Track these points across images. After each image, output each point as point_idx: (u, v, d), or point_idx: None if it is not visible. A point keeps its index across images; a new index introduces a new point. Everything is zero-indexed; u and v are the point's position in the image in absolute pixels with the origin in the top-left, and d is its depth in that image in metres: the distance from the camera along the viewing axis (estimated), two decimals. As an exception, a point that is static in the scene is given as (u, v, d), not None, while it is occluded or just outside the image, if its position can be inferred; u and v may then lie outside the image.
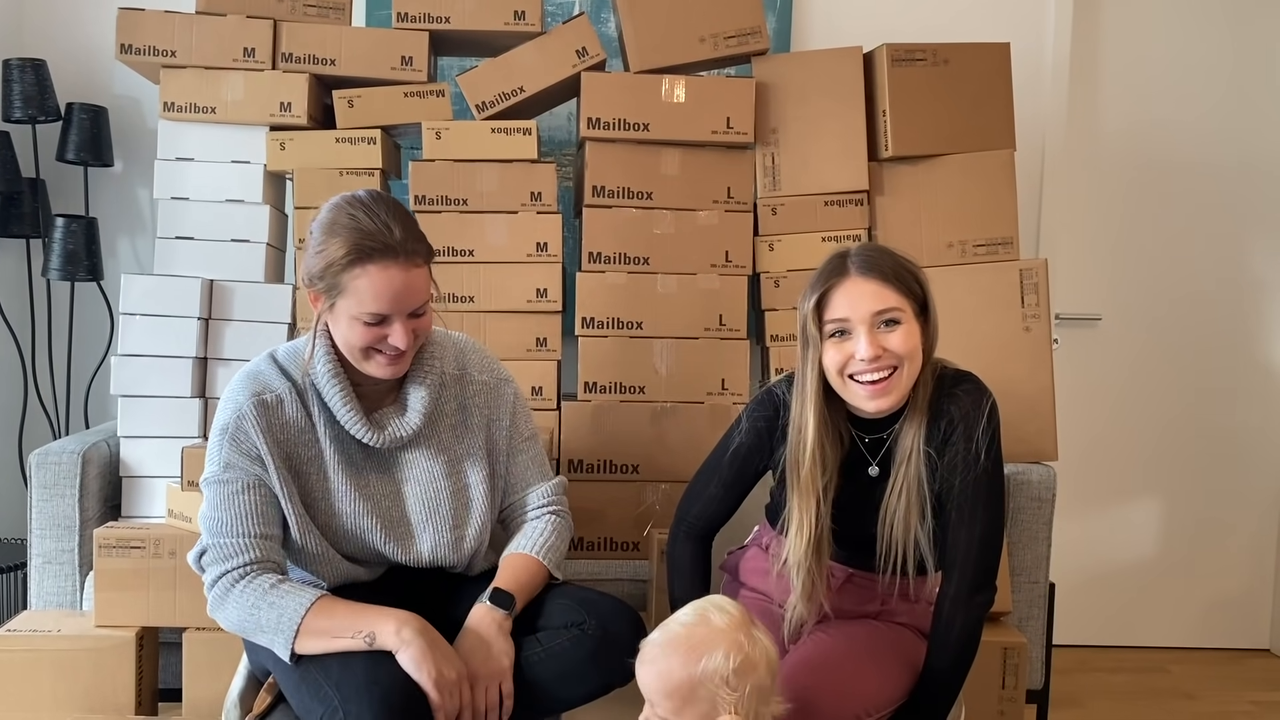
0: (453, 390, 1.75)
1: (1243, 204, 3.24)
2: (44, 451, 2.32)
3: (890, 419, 1.65)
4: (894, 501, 1.61)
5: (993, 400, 1.64)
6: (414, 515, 1.70)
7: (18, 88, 2.73)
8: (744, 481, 1.77)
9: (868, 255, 1.60)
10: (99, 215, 2.88)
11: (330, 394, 1.63)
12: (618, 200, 2.47)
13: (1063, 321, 3.17)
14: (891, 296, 1.57)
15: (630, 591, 2.36)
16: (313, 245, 1.59)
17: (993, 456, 1.61)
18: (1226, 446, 3.30)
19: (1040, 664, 2.44)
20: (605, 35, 2.77)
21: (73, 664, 2.17)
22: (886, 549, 1.63)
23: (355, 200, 1.59)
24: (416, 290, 1.59)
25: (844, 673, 1.57)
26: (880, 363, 1.56)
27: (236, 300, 2.42)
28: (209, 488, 1.62)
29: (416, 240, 1.59)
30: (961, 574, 1.61)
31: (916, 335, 1.59)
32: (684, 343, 2.47)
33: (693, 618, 1.38)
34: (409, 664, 1.49)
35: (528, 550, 1.72)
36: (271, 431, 1.61)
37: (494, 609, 1.60)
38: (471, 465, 1.74)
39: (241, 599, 1.55)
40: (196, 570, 1.63)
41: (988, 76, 2.49)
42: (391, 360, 1.62)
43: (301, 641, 1.52)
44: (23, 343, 2.89)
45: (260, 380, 1.65)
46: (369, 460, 1.69)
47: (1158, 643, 3.33)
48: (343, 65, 2.45)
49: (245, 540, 1.58)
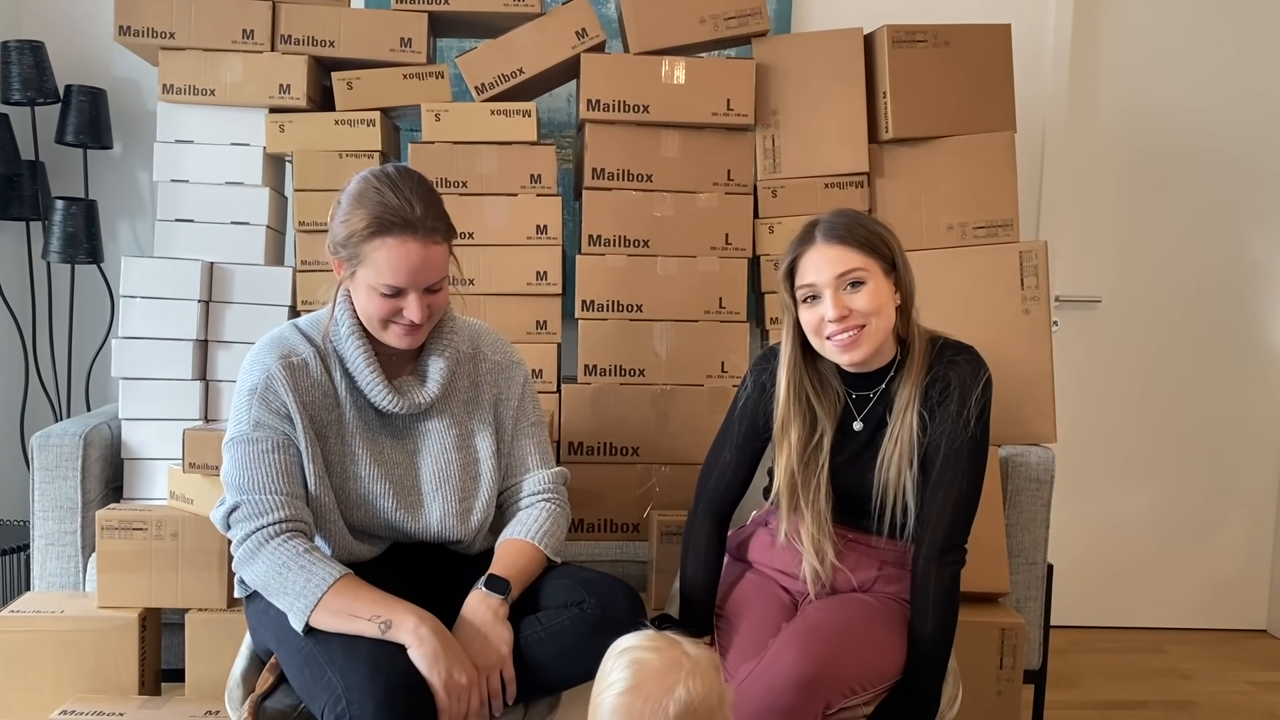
0: (466, 368, 1.79)
1: (1243, 186, 3.23)
2: (46, 434, 2.32)
3: (877, 376, 1.73)
4: (890, 448, 1.69)
5: (989, 375, 1.71)
6: (425, 484, 1.73)
7: (16, 70, 2.73)
8: (754, 443, 1.81)
9: (831, 222, 1.70)
10: (98, 198, 2.88)
11: (355, 358, 1.68)
12: (618, 182, 2.46)
13: (1062, 304, 3.18)
14: (855, 258, 1.66)
15: (631, 573, 2.37)
16: (339, 214, 1.64)
17: (981, 426, 1.68)
18: (1225, 428, 3.31)
19: (1038, 644, 2.45)
20: (605, 16, 2.76)
21: (76, 645, 2.18)
22: (881, 496, 1.70)
23: (383, 174, 1.64)
24: (433, 266, 1.63)
25: (838, 646, 1.59)
26: (847, 322, 1.66)
27: (236, 283, 2.42)
28: (236, 446, 1.64)
29: (437, 218, 1.63)
30: (933, 532, 1.68)
31: (885, 292, 1.67)
32: (684, 325, 2.47)
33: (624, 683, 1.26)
34: (422, 661, 1.49)
35: (524, 536, 1.73)
36: (299, 392, 1.65)
37: (490, 595, 1.61)
38: (481, 440, 1.78)
39: (273, 558, 1.57)
40: (222, 528, 1.65)
41: (988, 58, 2.48)
42: (407, 331, 1.66)
43: (318, 615, 1.53)
44: (23, 325, 2.89)
45: (286, 344, 1.69)
46: (385, 428, 1.72)
47: (1155, 623, 3.35)
48: (342, 47, 2.44)
49: (278, 498, 1.61)
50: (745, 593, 1.79)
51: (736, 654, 1.66)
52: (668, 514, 2.30)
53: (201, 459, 2.18)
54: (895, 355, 1.74)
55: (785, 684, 1.53)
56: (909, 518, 1.71)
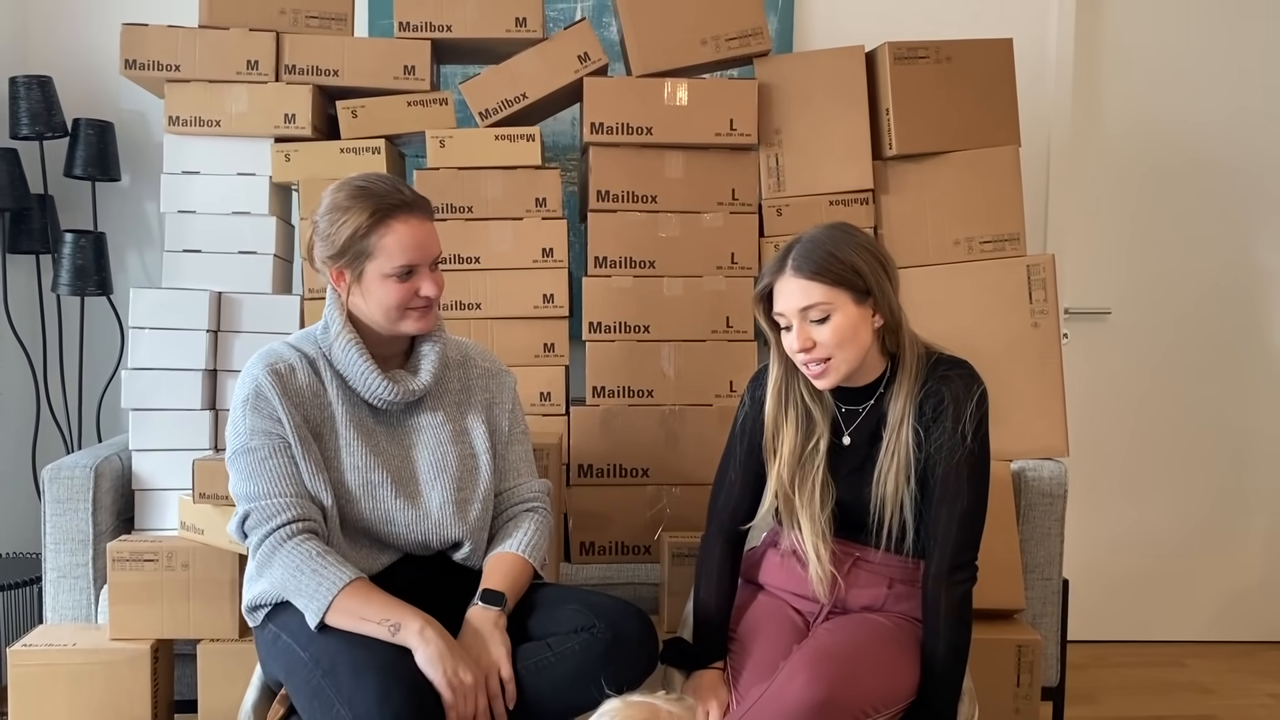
0: (456, 372, 1.84)
1: (1250, 195, 3.22)
2: (57, 466, 2.33)
3: (867, 391, 1.74)
4: (886, 462, 1.69)
5: (983, 388, 1.70)
6: (423, 474, 1.76)
7: (25, 105, 2.75)
8: (756, 459, 1.81)
9: (801, 252, 1.68)
10: (107, 230, 2.90)
11: (347, 352, 1.71)
12: (622, 204, 2.47)
13: (1072, 316, 3.16)
14: (818, 292, 1.65)
15: (643, 595, 2.36)
16: (325, 229, 1.70)
17: (979, 440, 1.68)
18: (1239, 438, 3.28)
19: (1055, 660, 2.43)
20: (607, 39, 2.78)
21: (88, 677, 2.17)
22: (879, 510, 1.69)
23: (354, 179, 1.73)
24: (435, 240, 1.73)
25: (851, 669, 1.58)
26: (812, 354, 1.67)
27: (244, 312, 2.43)
28: (239, 458, 1.68)
29: (421, 197, 1.74)
30: (941, 550, 1.67)
31: (850, 323, 1.66)
32: (691, 345, 2.47)
33: None
34: (425, 661, 1.52)
35: (514, 550, 1.76)
36: (288, 395, 1.69)
37: (488, 608, 1.64)
38: (476, 437, 1.82)
39: (287, 560, 1.61)
40: (238, 537, 1.70)
41: (991, 73, 2.48)
42: (424, 313, 1.73)
43: (331, 616, 1.57)
44: (34, 358, 2.91)
45: (272, 354, 1.74)
46: (379, 424, 1.76)
47: (1174, 637, 3.32)
48: (346, 76, 2.46)
49: (285, 499, 1.65)
50: (757, 615, 1.78)
51: (749, 677, 1.64)
52: (679, 535, 2.30)
53: (212, 489, 2.18)
54: (885, 369, 1.73)
55: (797, 708, 1.51)
56: (908, 533, 1.69)
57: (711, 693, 1.67)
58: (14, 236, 2.83)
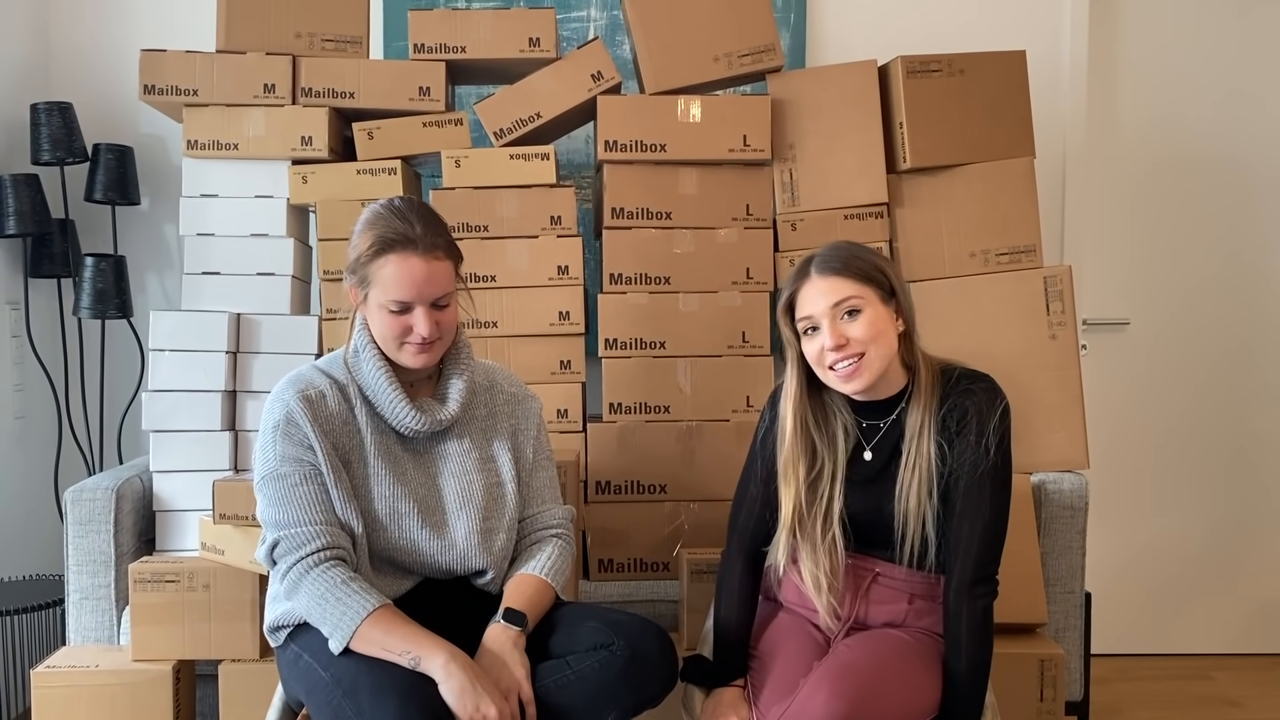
0: (483, 398, 1.84)
1: (1269, 202, 3.20)
2: (79, 488, 2.35)
3: (889, 406, 1.72)
4: (908, 476, 1.68)
5: (1006, 402, 1.70)
6: (450, 504, 1.75)
7: (46, 131, 2.78)
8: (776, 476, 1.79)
9: (826, 254, 1.72)
10: (127, 253, 2.92)
11: (376, 379, 1.72)
12: (637, 221, 2.47)
13: (1090, 327, 3.15)
14: (848, 287, 1.67)
15: (661, 612, 2.35)
16: (351, 243, 1.73)
17: (1002, 454, 1.67)
18: (1262, 447, 3.25)
19: (1079, 675, 2.41)
20: (620, 58, 2.79)
21: (111, 699, 2.18)
22: (902, 526, 1.69)
23: (389, 203, 1.73)
24: (436, 280, 1.68)
25: (872, 686, 1.57)
26: (846, 350, 1.66)
27: (264, 333, 2.44)
28: (268, 484, 1.68)
29: (437, 235, 1.70)
30: (962, 564, 1.66)
31: (883, 319, 1.68)
32: (708, 361, 2.47)
33: None
34: (451, 695, 1.51)
35: (535, 572, 1.76)
36: (319, 422, 1.69)
37: (508, 627, 1.64)
38: (503, 465, 1.81)
39: (314, 588, 1.61)
40: (267, 564, 1.69)
41: (1004, 84, 2.48)
42: (420, 350, 1.70)
43: (355, 644, 1.57)
44: (56, 381, 2.93)
45: (303, 379, 1.74)
46: (406, 452, 1.76)
47: (1200, 649, 3.28)
48: (361, 98, 2.48)
49: (314, 528, 1.64)
50: (777, 632, 1.77)
51: (769, 694, 1.64)
52: (698, 552, 2.29)
53: (232, 509, 2.20)
54: (907, 384, 1.73)
55: None
56: (930, 548, 1.69)
57: (732, 710, 1.66)
58: (36, 260, 2.86)
